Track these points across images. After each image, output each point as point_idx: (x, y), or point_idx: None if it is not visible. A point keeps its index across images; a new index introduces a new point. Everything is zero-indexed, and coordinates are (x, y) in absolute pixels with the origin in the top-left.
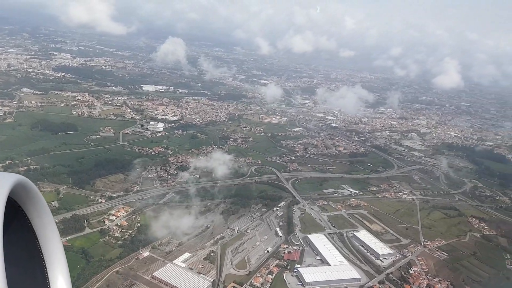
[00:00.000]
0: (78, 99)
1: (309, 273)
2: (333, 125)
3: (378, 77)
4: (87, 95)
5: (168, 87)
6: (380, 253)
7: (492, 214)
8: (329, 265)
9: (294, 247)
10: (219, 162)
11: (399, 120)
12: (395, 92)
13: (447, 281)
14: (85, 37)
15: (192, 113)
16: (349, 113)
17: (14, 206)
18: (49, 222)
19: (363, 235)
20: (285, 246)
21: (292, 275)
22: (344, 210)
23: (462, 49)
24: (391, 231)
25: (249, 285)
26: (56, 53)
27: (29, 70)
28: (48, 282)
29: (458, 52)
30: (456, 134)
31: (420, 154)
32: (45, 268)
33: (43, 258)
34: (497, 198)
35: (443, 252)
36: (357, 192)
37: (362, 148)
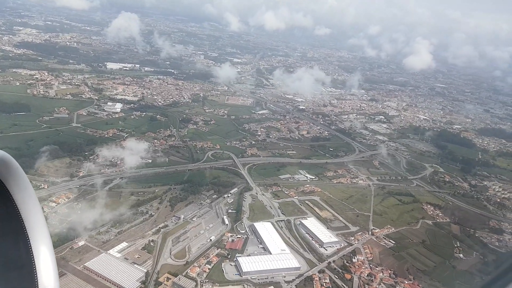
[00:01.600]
0: (36, 77)
1: (248, 262)
2: (301, 107)
3: (356, 56)
4: (46, 74)
5: (133, 65)
6: (324, 241)
7: (448, 200)
8: (270, 254)
9: (238, 236)
10: (173, 147)
11: (369, 102)
12: (369, 72)
13: (390, 270)
14: (54, 12)
15: (155, 93)
16: (306, 96)
17: None
18: (30, 196)
19: (310, 223)
20: (230, 234)
21: (231, 265)
22: (296, 197)
23: (442, 28)
24: (341, 218)
25: (184, 276)
26: (21, 28)
27: None
28: (32, 254)
29: (437, 31)
30: (425, 117)
31: (384, 138)
32: (29, 240)
33: (26, 231)
34: (456, 184)
35: (390, 240)
36: (313, 177)
37: (326, 132)
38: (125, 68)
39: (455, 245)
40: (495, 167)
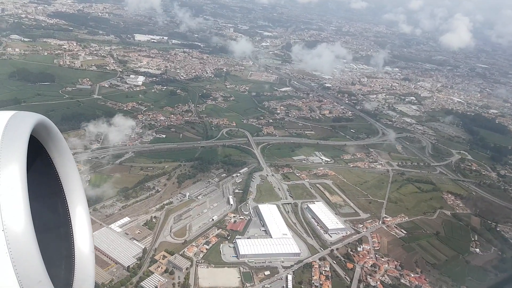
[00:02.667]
0: (64, 48)
1: (246, 245)
2: (327, 85)
3: (394, 32)
4: (75, 44)
5: (162, 37)
6: (329, 227)
7: (472, 190)
8: (271, 237)
9: (241, 217)
10: (189, 123)
11: (402, 81)
12: (406, 49)
13: (397, 261)
14: None
15: (178, 67)
16: (329, 73)
17: (36, 145)
18: (69, 160)
19: (317, 207)
20: (233, 215)
21: (230, 246)
22: (307, 180)
23: (491, 3)
24: (352, 204)
25: (180, 255)
26: None
27: (23, 15)
28: (69, 216)
29: (485, 7)
30: (460, 100)
31: (412, 120)
32: (66, 203)
33: (64, 194)
34: (483, 173)
35: (402, 230)
36: (329, 160)
37: (350, 112)
38: (153, 40)
39: (472, 239)
40: None
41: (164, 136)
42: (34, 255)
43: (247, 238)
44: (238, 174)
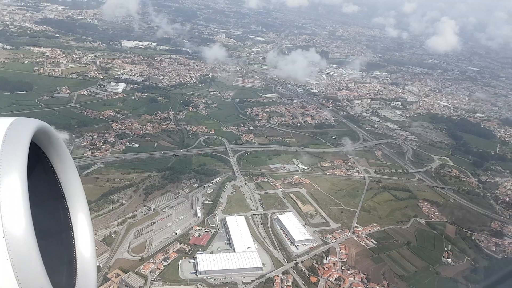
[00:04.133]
0: (46, 55)
1: (206, 261)
2: (313, 90)
3: (388, 36)
4: (59, 51)
5: (150, 43)
6: (296, 239)
7: (450, 197)
8: (234, 251)
9: (206, 230)
10: (166, 131)
11: (390, 86)
12: (398, 53)
13: (364, 274)
14: None
15: (162, 73)
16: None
17: (37, 151)
18: (70, 165)
19: (286, 218)
20: (198, 228)
21: (189, 262)
22: (281, 189)
23: (488, 6)
24: (323, 214)
25: (135, 273)
26: (48, 4)
27: (8, 23)
28: (70, 222)
29: (480, 9)
30: (446, 104)
31: (394, 126)
32: (67, 208)
33: (65, 200)
34: (463, 179)
35: (372, 240)
36: (305, 168)
37: (333, 118)
38: (140, 46)
39: (445, 249)
40: None
41: (137, 145)
42: (35, 261)
43: (209, 253)
44: (210, 184)
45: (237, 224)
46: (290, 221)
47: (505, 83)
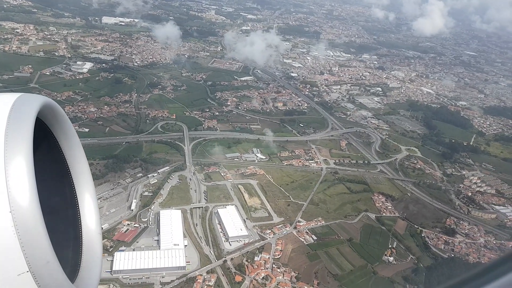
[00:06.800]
0: (17, 31)
1: (124, 259)
2: (293, 74)
3: (389, 16)
4: (31, 28)
5: (132, 19)
6: (230, 235)
7: (409, 191)
8: (159, 249)
9: (135, 225)
10: (122, 115)
11: (375, 70)
12: (394, 35)
13: (295, 272)
14: None
15: (135, 52)
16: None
17: (43, 127)
18: (76, 143)
19: (226, 212)
20: (127, 223)
21: (108, 260)
22: (231, 180)
23: None
24: (269, 207)
25: None
26: None
27: None
28: (77, 200)
29: None
30: (429, 90)
31: (368, 113)
32: (73, 186)
33: (71, 177)
34: (427, 171)
35: (312, 236)
36: (264, 158)
37: (306, 105)
38: (121, 23)
39: (390, 246)
40: (485, 154)
41: (87, 130)
42: (41, 236)
43: (132, 250)
44: (155, 174)
45: (171, 219)
46: (229, 216)
47: (499, 69)
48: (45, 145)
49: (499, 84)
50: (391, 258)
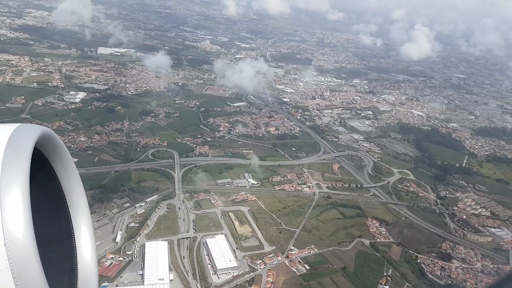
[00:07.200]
0: (11, 63)
1: None
2: (285, 99)
3: (377, 42)
4: (27, 59)
5: (128, 50)
6: (218, 267)
7: (403, 215)
8: (143, 284)
9: (120, 258)
10: (112, 144)
11: (366, 95)
12: (383, 60)
13: None
14: None
15: (129, 81)
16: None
17: (40, 157)
18: (73, 173)
19: (215, 242)
20: (111, 256)
21: None
22: (221, 207)
23: (481, 12)
24: (260, 235)
25: None
26: (33, 10)
27: None
28: (72, 230)
29: (473, 15)
30: (420, 113)
31: (359, 137)
32: (70, 217)
33: (68, 208)
34: (421, 194)
35: (305, 265)
36: (255, 183)
37: (298, 129)
38: (116, 53)
39: (385, 274)
40: (478, 175)
41: (76, 160)
42: (35, 270)
43: (115, 286)
44: (143, 204)
45: (156, 251)
46: (218, 246)
47: (488, 91)
48: (42, 175)
49: (488, 105)
50: (387, 287)
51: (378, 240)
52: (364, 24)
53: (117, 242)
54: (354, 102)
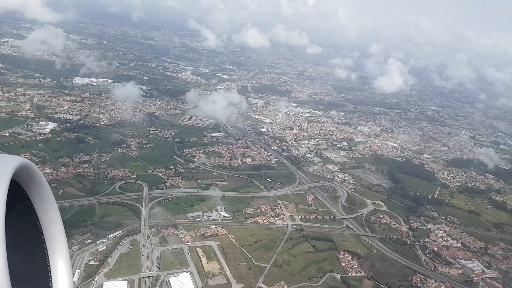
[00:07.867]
0: None
1: None
2: (263, 130)
3: (357, 75)
4: None
5: (105, 80)
6: None
7: (375, 247)
8: None
9: None
10: (79, 176)
11: (342, 126)
12: (361, 93)
13: None
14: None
15: (103, 111)
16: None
17: (17, 189)
18: (51, 205)
19: (178, 281)
20: None
21: None
22: (189, 243)
23: (454, 47)
24: (228, 272)
25: None
26: (11, 39)
27: None
28: (49, 265)
29: (447, 50)
30: (394, 145)
31: (334, 167)
32: (46, 251)
33: (45, 241)
34: (393, 226)
35: None
36: (227, 216)
37: (274, 159)
38: (93, 84)
39: None
40: (450, 206)
41: None
42: None
43: None
44: (105, 240)
45: None
46: (182, 285)
47: (461, 123)
48: (19, 207)
49: (461, 137)
50: None
51: (350, 274)
52: (341, 58)
53: (74, 282)
54: (331, 133)
